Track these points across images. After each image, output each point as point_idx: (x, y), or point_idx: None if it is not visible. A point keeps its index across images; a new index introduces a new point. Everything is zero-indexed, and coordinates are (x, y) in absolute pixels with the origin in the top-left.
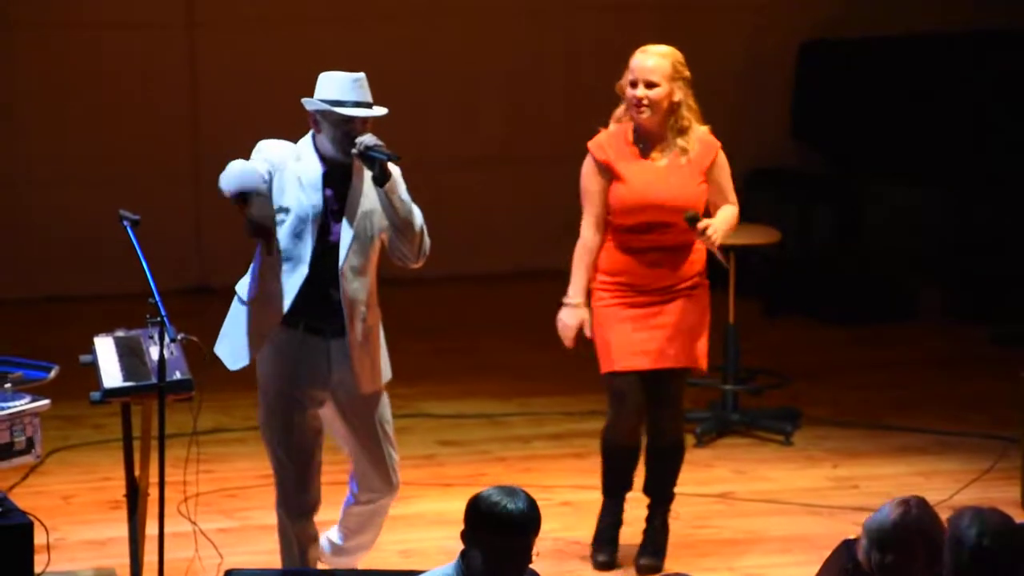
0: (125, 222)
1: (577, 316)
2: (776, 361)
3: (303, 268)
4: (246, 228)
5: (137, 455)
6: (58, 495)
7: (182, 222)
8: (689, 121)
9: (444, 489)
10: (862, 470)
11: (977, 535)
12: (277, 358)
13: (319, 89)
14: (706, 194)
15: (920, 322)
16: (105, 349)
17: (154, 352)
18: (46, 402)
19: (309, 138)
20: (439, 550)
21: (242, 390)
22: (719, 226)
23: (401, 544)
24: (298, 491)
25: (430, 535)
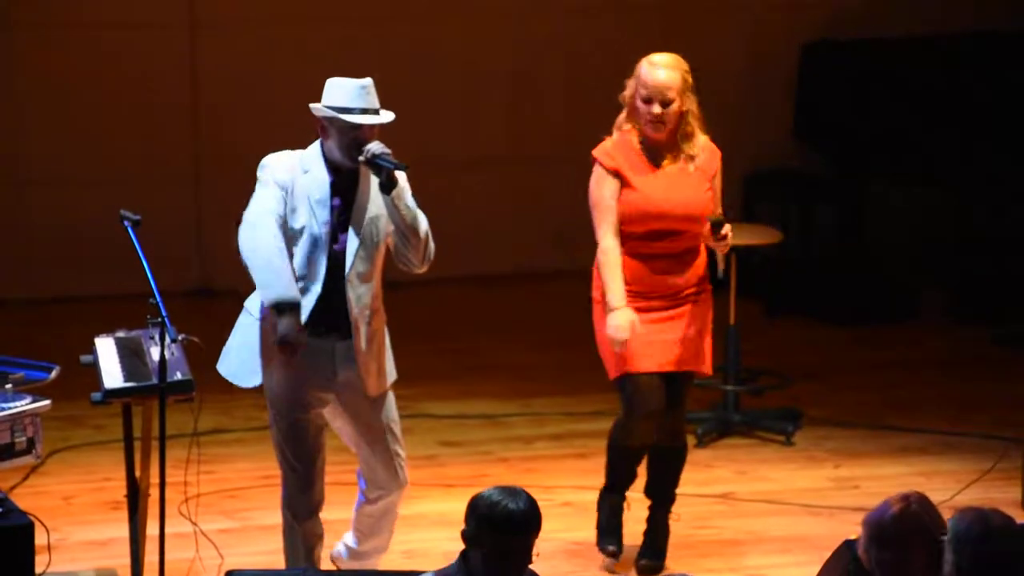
0: (126, 222)
1: (627, 315)
2: (777, 362)
3: (316, 287)
4: (273, 337)
5: (138, 456)
6: (59, 495)
7: (183, 223)
8: (693, 128)
9: (446, 490)
10: (863, 470)
11: (979, 537)
12: (283, 361)
13: (326, 95)
14: (711, 201)
15: (921, 323)
16: (106, 350)
17: (155, 353)
18: (47, 403)
19: (317, 145)
20: (441, 551)
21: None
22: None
23: (403, 545)
24: (304, 489)
25: (432, 536)
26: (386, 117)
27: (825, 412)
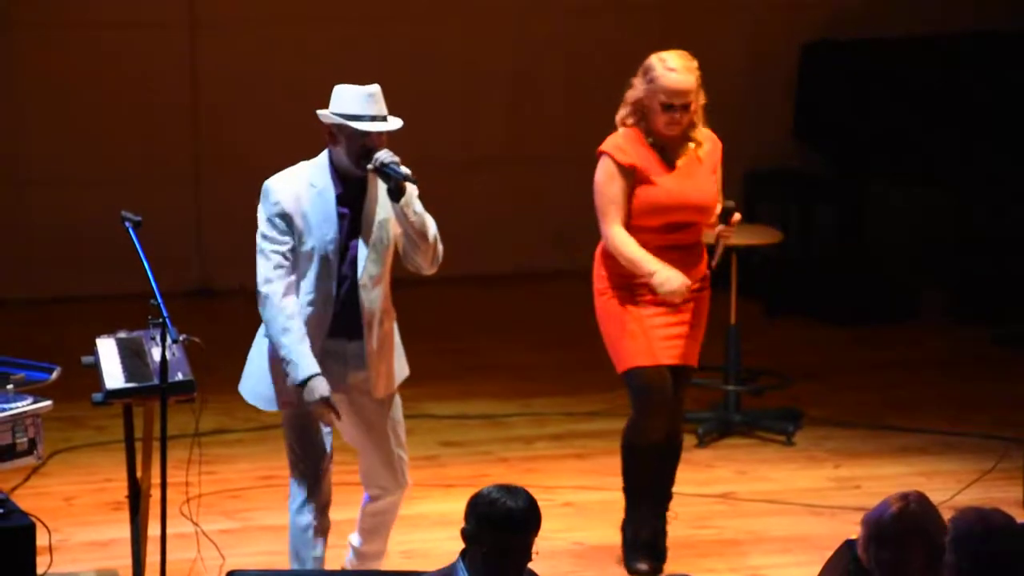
0: (127, 223)
1: (671, 270)
2: (777, 362)
3: (331, 306)
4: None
5: (139, 456)
6: (60, 496)
7: (183, 223)
8: (698, 120)
9: (446, 490)
10: (864, 470)
11: (980, 536)
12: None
13: (334, 102)
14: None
15: (921, 323)
16: (107, 350)
17: (156, 353)
18: (48, 403)
19: (325, 155)
20: (441, 551)
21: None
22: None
23: (403, 545)
24: (313, 483)
25: (432, 536)
26: (394, 124)
27: (825, 412)
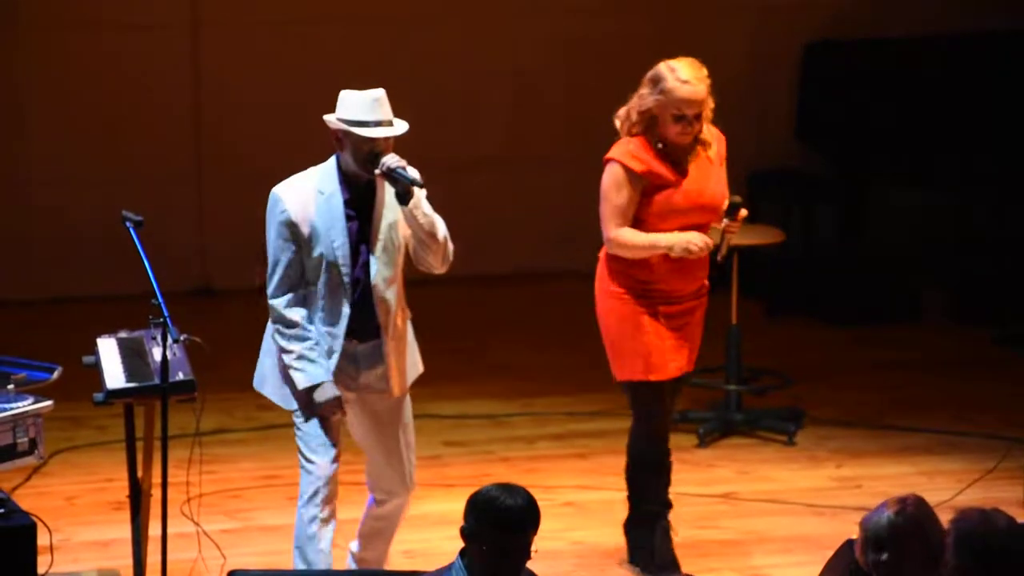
0: (128, 223)
1: (685, 234)
2: (779, 361)
3: (346, 306)
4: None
5: (140, 456)
6: (61, 496)
7: (184, 223)
8: (707, 121)
9: (448, 490)
10: (865, 470)
11: (982, 537)
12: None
13: (340, 108)
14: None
15: (922, 323)
16: (108, 350)
17: (157, 353)
18: (49, 403)
19: (333, 161)
20: (442, 550)
21: (244, 391)
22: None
23: (404, 544)
24: (321, 477)
25: (434, 535)
26: (400, 128)
27: (827, 412)
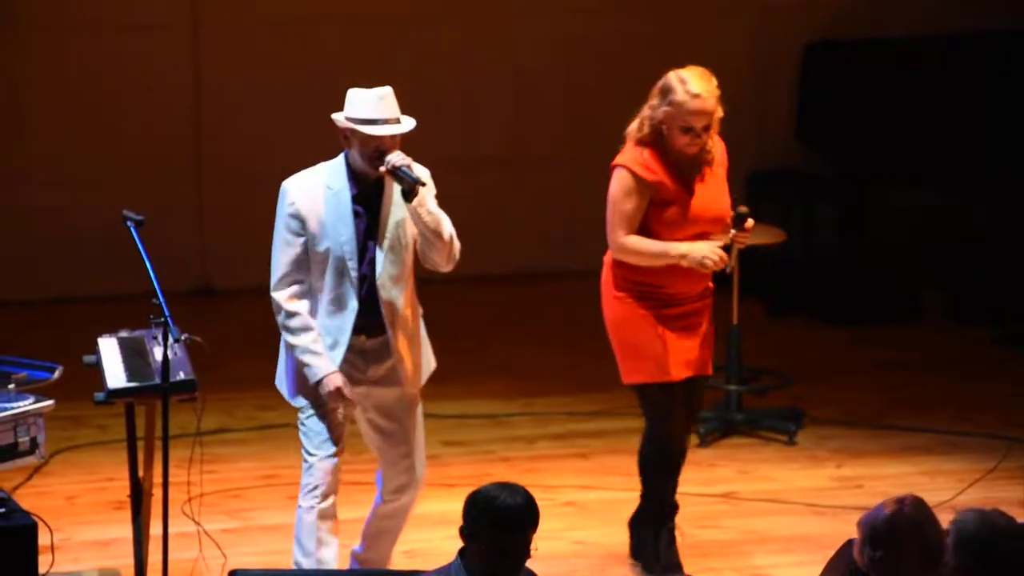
0: (128, 223)
1: (697, 244)
2: (779, 361)
3: (353, 301)
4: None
5: (141, 455)
6: (62, 496)
7: (185, 223)
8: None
9: (448, 489)
10: (866, 470)
11: (983, 538)
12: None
13: (347, 106)
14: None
15: (922, 323)
16: (109, 350)
17: (158, 353)
18: (50, 403)
19: (342, 157)
20: (443, 550)
21: (245, 391)
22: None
23: (404, 544)
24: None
25: (434, 535)
26: (406, 125)
27: (827, 412)
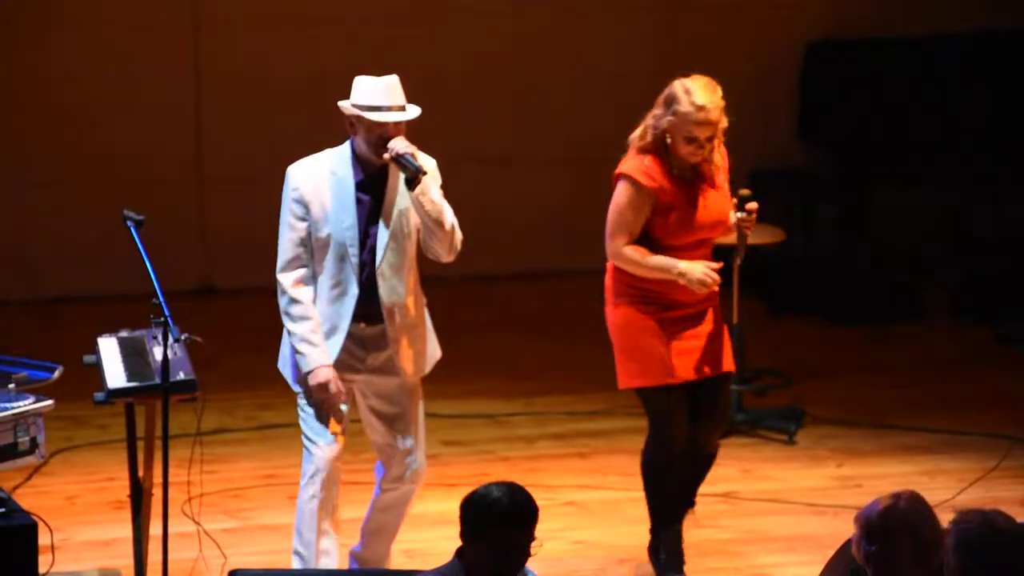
0: (129, 222)
1: (693, 263)
2: (780, 361)
3: (353, 287)
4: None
5: (141, 455)
6: (62, 495)
7: (185, 222)
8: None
9: (448, 489)
10: (866, 469)
11: (984, 539)
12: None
13: (354, 93)
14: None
15: (924, 322)
16: (109, 350)
17: (158, 352)
18: (50, 402)
19: (347, 144)
20: (442, 550)
21: (245, 390)
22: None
23: (404, 544)
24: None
25: (434, 535)
26: (411, 113)
27: (828, 411)
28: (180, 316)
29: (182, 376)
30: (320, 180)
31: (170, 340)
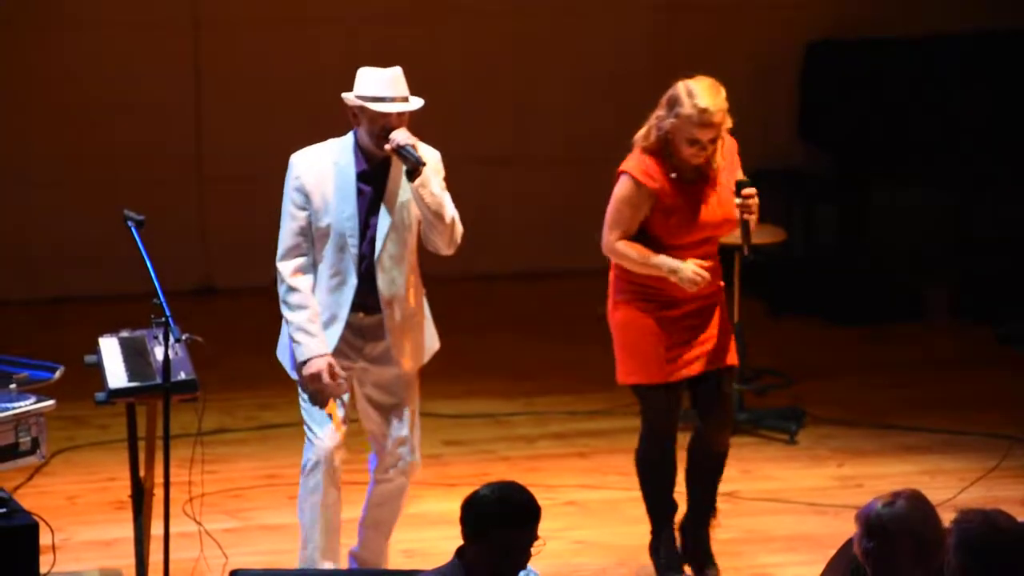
0: (129, 222)
1: (681, 262)
2: (781, 361)
3: (352, 278)
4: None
5: (142, 455)
6: (63, 495)
7: (185, 222)
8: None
9: (448, 489)
10: (867, 469)
11: (983, 537)
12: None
13: (357, 84)
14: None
15: (924, 322)
16: (110, 349)
17: (159, 352)
18: (51, 402)
19: (351, 134)
20: (442, 550)
21: (246, 390)
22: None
23: (404, 544)
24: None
25: (434, 535)
26: (414, 104)
27: (828, 411)
28: (180, 316)
29: (183, 376)
30: (322, 170)
31: (171, 340)
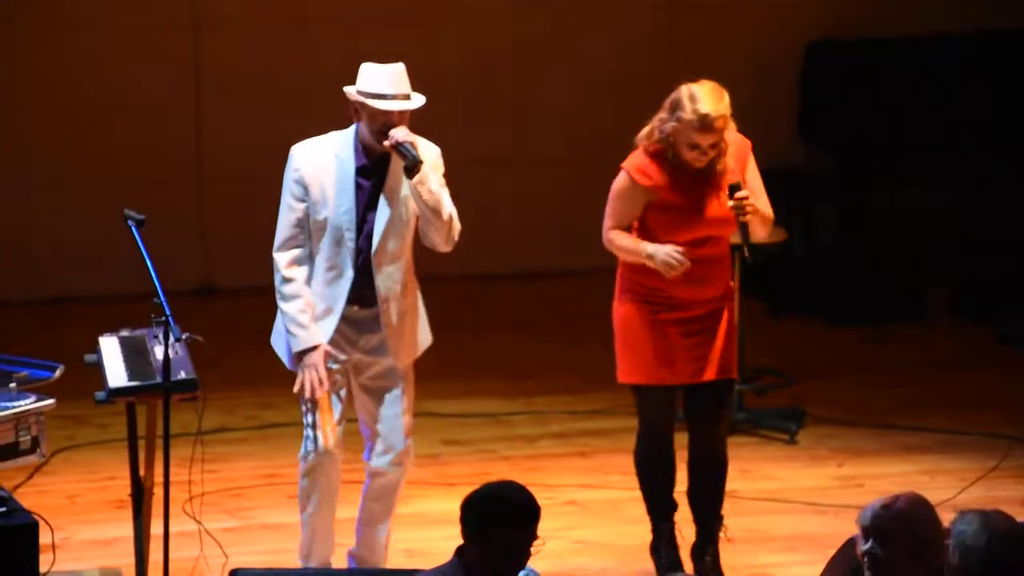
0: (130, 222)
1: (660, 246)
2: (781, 361)
3: (349, 271)
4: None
5: (142, 455)
6: (63, 495)
7: (185, 222)
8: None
9: (448, 488)
10: (867, 469)
11: (983, 538)
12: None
13: (359, 80)
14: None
15: (924, 322)
16: (110, 349)
17: (159, 352)
18: (51, 402)
19: (352, 129)
20: (442, 550)
21: (246, 390)
22: (757, 207)
23: (404, 543)
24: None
25: (434, 534)
26: (416, 101)
27: (828, 411)
28: (180, 316)
29: (183, 375)
30: (322, 162)
31: (171, 339)
